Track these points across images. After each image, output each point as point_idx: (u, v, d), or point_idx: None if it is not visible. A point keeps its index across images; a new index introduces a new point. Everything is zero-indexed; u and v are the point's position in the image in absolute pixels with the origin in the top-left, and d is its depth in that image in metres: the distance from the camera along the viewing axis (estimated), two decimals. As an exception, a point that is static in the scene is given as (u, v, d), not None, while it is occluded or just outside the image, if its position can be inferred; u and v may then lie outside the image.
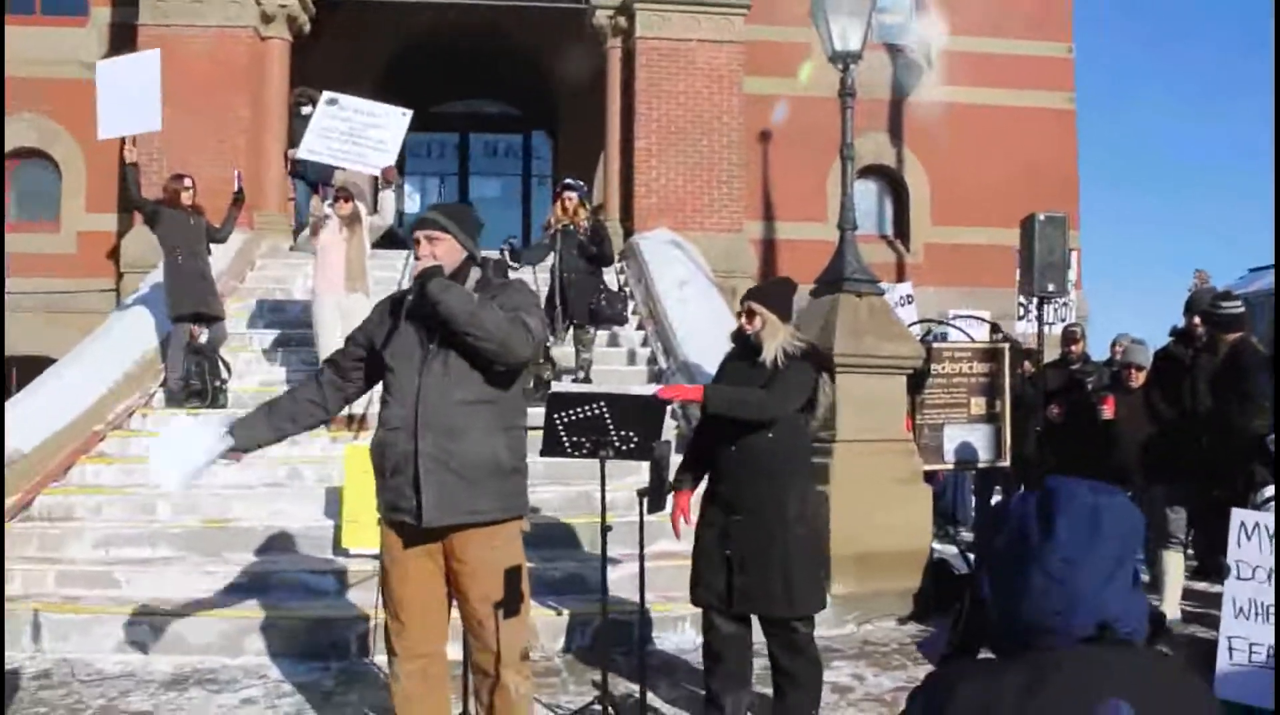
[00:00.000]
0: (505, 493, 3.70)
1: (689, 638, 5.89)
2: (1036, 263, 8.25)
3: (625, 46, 13.37)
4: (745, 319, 4.60)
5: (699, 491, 4.81)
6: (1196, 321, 6.81)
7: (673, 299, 10.19)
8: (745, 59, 13.37)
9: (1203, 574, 7.90)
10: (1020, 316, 11.15)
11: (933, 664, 1.95)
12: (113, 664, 5.63)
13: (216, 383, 8.71)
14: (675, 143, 13.04)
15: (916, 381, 7.67)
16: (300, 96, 12.01)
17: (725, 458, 4.53)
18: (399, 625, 3.78)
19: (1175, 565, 6.70)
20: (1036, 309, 8.79)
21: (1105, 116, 61.33)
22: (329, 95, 8.42)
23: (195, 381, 8.60)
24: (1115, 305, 62.47)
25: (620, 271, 11.78)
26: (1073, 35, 15.76)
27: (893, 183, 15.20)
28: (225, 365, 8.93)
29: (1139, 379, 7.71)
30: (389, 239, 9.22)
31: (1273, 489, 5.67)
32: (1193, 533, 7.86)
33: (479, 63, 16.90)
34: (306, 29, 13.30)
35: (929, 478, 7.54)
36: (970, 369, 8.13)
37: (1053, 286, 8.35)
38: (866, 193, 14.60)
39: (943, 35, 14.68)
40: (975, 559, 1.85)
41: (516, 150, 19.92)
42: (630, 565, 5.13)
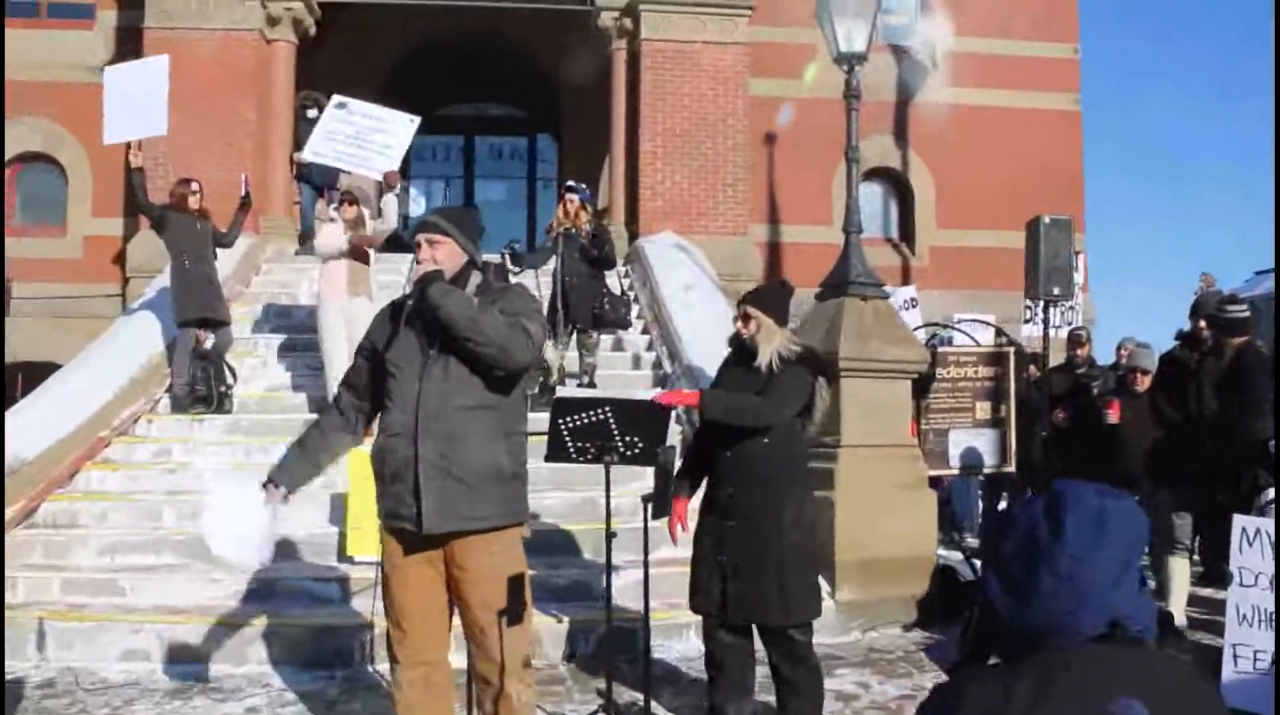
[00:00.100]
0: (506, 499, 3.69)
1: (693, 645, 5.86)
2: (1042, 266, 8.25)
3: (630, 48, 13.37)
4: (741, 323, 4.60)
5: (699, 497, 4.80)
6: (1202, 325, 6.79)
7: (678, 303, 10.18)
8: (750, 61, 13.36)
9: (1208, 580, 7.87)
10: (1026, 319, 11.12)
11: (943, 670, 1.95)
12: (117, 672, 5.63)
13: (222, 388, 8.72)
14: (680, 145, 13.03)
15: (921, 386, 7.65)
16: (306, 100, 12.05)
17: (722, 463, 4.52)
18: (400, 633, 3.77)
19: (1181, 571, 6.67)
20: (1042, 312, 8.78)
21: (1112, 117, 61.13)
22: (338, 99, 8.40)
23: (201, 387, 8.61)
24: (1121, 308, 62.33)
25: (625, 275, 11.77)
26: (1079, 36, 15.73)
27: (898, 185, 15.16)
28: (231, 370, 8.94)
29: (1144, 383, 7.68)
30: (393, 243, 9.21)
31: (1273, 493, 5.65)
32: (1198, 538, 7.83)
33: (484, 65, 16.90)
34: (312, 32, 13.32)
35: (934, 483, 7.52)
36: (975, 373, 8.12)
37: (1058, 289, 8.35)
38: (871, 195, 14.57)
39: (948, 36, 14.64)
40: (981, 564, 1.85)
41: (521, 153, 19.91)
42: (635, 572, 5.13)
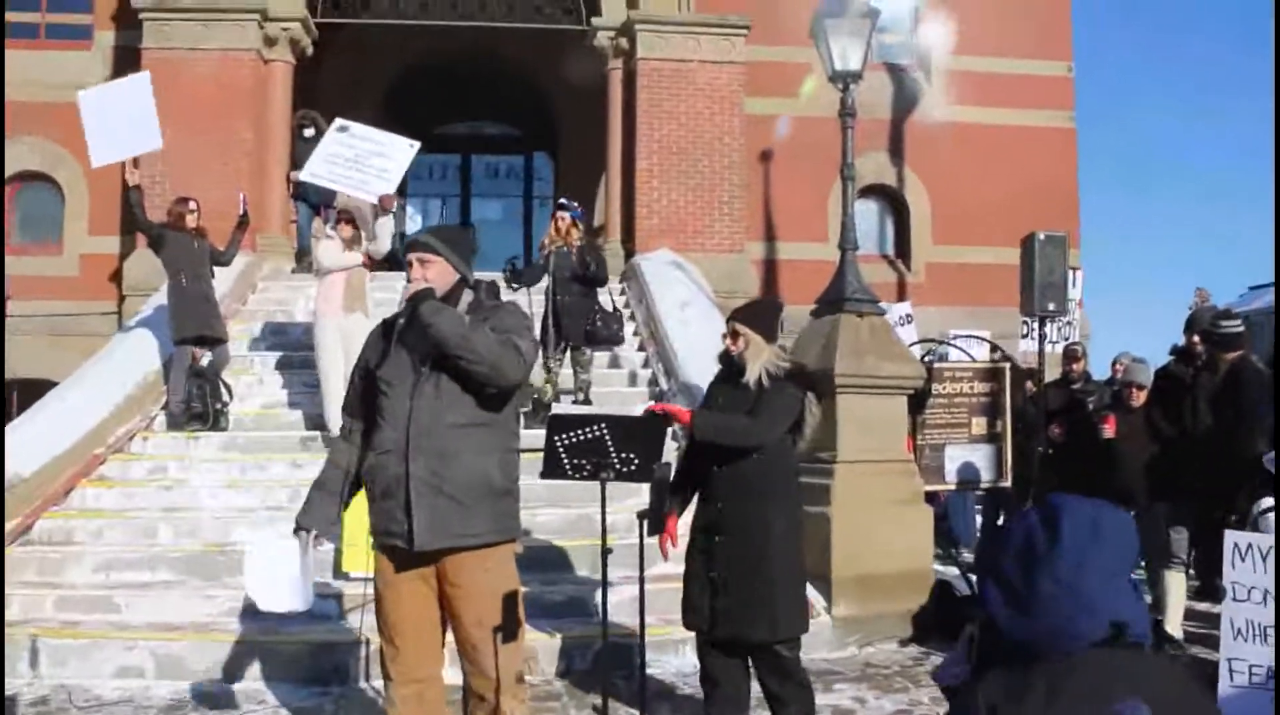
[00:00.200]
0: (498, 515, 3.69)
1: (689, 661, 5.84)
2: (1037, 282, 8.28)
3: (626, 67, 13.42)
4: (730, 339, 4.59)
5: (691, 514, 4.78)
6: (1196, 340, 6.81)
7: (674, 320, 10.18)
8: (746, 79, 13.41)
9: (1204, 594, 7.87)
10: (1024, 335, 11.14)
11: (942, 689, 1.97)
12: (111, 690, 5.60)
13: (218, 406, 8.71)
14: (676, 163, 13.07)
15: (918, 401, 7.67)
16: (303, 119, 12.07)
17: (712, 479, 4.51)
18: (394, 650, 3.76)
19: (1177, 585, 6.67)
20: (1038, 328, 8.80)
21: (1106, 134, 61.35)
22: (340, 122, 8.38)
23: (196, 404, 8.60)
24: (1117, 323, 62.33)
25: (621, 292, 11.79)
26: (1073, 54, 15.80)
27: (894, 202, 15.20)
28: (227, 388, 8.94)
29: (1140, 398, 7.69)
30: (390, 261, 9.22)
31: (1270, 501, 5.65)
32: (1194, 553, 7.83)
33: (480, 84, 16.96)
34: (309, 52, 13.37)
35: (930, 499, 7.52)
36: (971, 389, 8.13)
37: (1053, 305, 8.38)
38: (867, 212, 14.60)
39: (943, 55, 14.72)
40: (978, 580, 1.87)
41: (518, 171, 19.97)
42: (630, 588, 5.11)
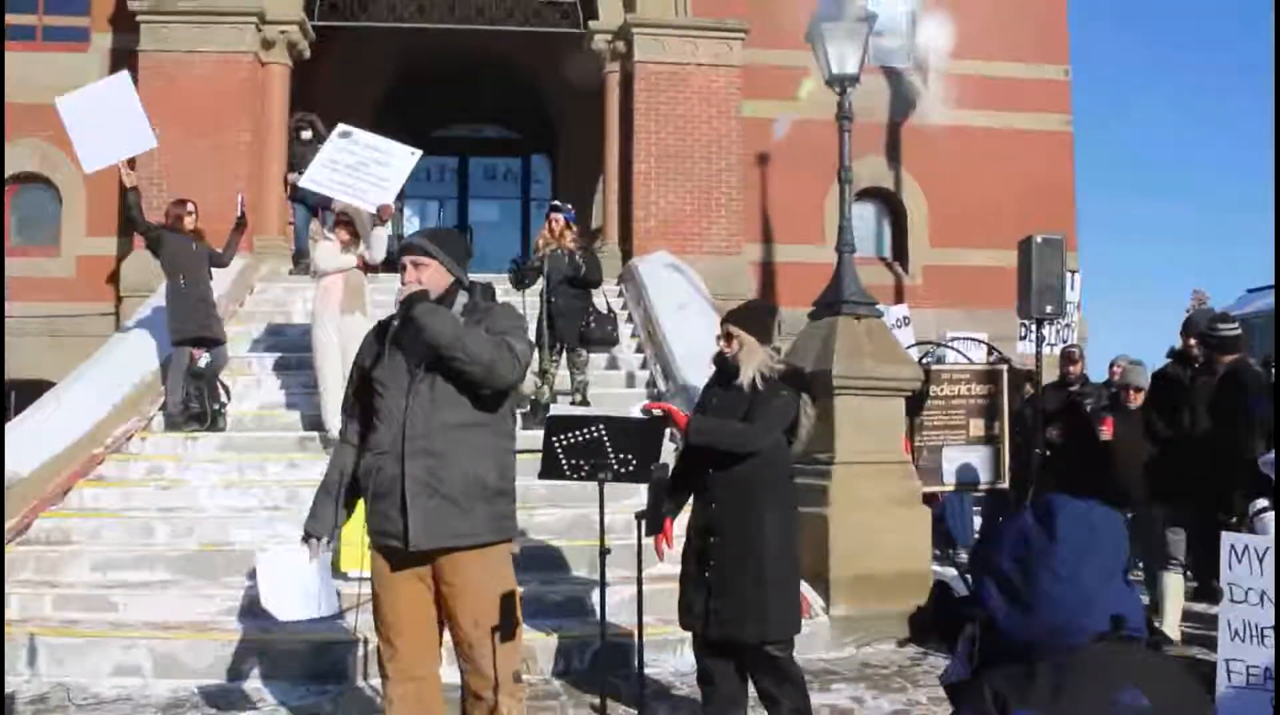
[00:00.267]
0: (493, 515, 3.69)
1: (687, 660, 5.83)
2: (1034, 284, 8.30)
3: (624, 70, 13.44)
4: (724, 342, 4.58)
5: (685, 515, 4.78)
6: (1193, 342, 6.82)
7: (671, 322, 10.19)
8: (743, 83, 13.44)
9: (1203, 595, 7.88)
10: (1022, 337, 11.16)
11: (945, 689, 1.99)
12: (110, 688, 5.60)
13: (215, 406, 8.73)
14: (674, 166, 13.09)
15: (915, 403, 7.68)
16: (300, 122, 12.07)
17: (708, 480, 4.50)
18: (391, 649, 3.76)
19: (1175, 587, 6.68)
20: (1036, 330, 8.82)
21: (1104, 137, 61.54)
22: (342, 128, 8.34)
23: (194, 405, 8.61)
24: (1115, 325, 62.46)
25: (619, 294, 11.81)
26: (1070, 58, 15.84)
27: (891, 205, 15.23)
28: (225, 388, 8.95)
29: (1138, 400, 7.70)
30: (387, 265, 9.23)
31: (1265, 501, 5.67)
32: (1192, 554, 7.85)
33: (478, 87, 16.98)
34: (306, 55, 13.38)
35: (928, 500, 7.53)
36: (969, 391, 8.15)
37: (1050, 308, 8.40)
38: (864, 215, 14.63)
39: (940, 58, 14.75)
40: (976, 580, 1.89)
41: (516, 174, 20.00)
42: (629, 588, 5.13)
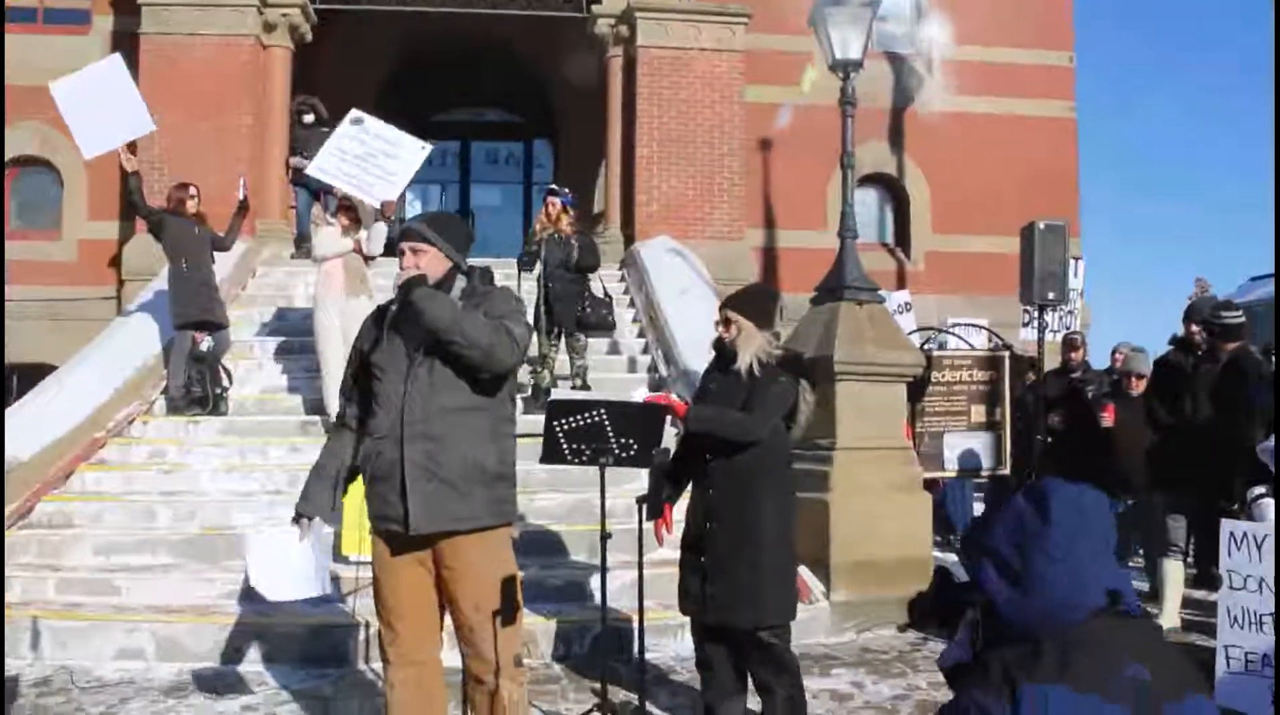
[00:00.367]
0: (493, 499, 3.68)
1: (687, 646, 5.82)
2: (1036, 271, 8.26)
3: (626, 55, 13.41)
4: (722, 327, 4.55)
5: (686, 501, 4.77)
6: (1195, 329, 6.82)
7: (673, 307, 10.19)
8: (746, 68, 13.41)
9: (1202, 582, 7.89)
10: (1025, 324, 11.15)
11: (944, 669, 2.00)
12: (112, 671, 5.63)
13: (217, 390, 8.74)
14: (676, 151, 13.07)
15: (917, 389, 7.68)
16: (302, 105, 12.04)
17: (705, 467, 4.48)
18: (392, 633, 3.77)
19: (1175, 573, 6.69)
20: (1038, 316, 8.80)
21: (1109, 124, 61.38)
22: (355, 114, 8.26)
23: (196, 389, 8.62)
24: (1117, 312, 62.35)
25: (621, 279, 11.81)
26: (1074, 44, 15.79)
27: (893, 191, 15.21)
28: (226, 372, 8.95)
29: (1139, 387, 7.70)
30: (389, 250, 9.22)
31: (1263, 488, 5.68)
32: (1193, 541, 7.86)
33: (481, 71, 16.93)
34: (308, 38, 13.34)
35: (929, 486, 7.54)
36: (970, 377, 8.15)
37: (1053, 294, 8.36)
38: (867, 201, 14.61)
39: (944, 44, 14.70)
40: (972, 565, 1.90)
41: (518, 158, 19.96)
42: (629, 573, 5.13)
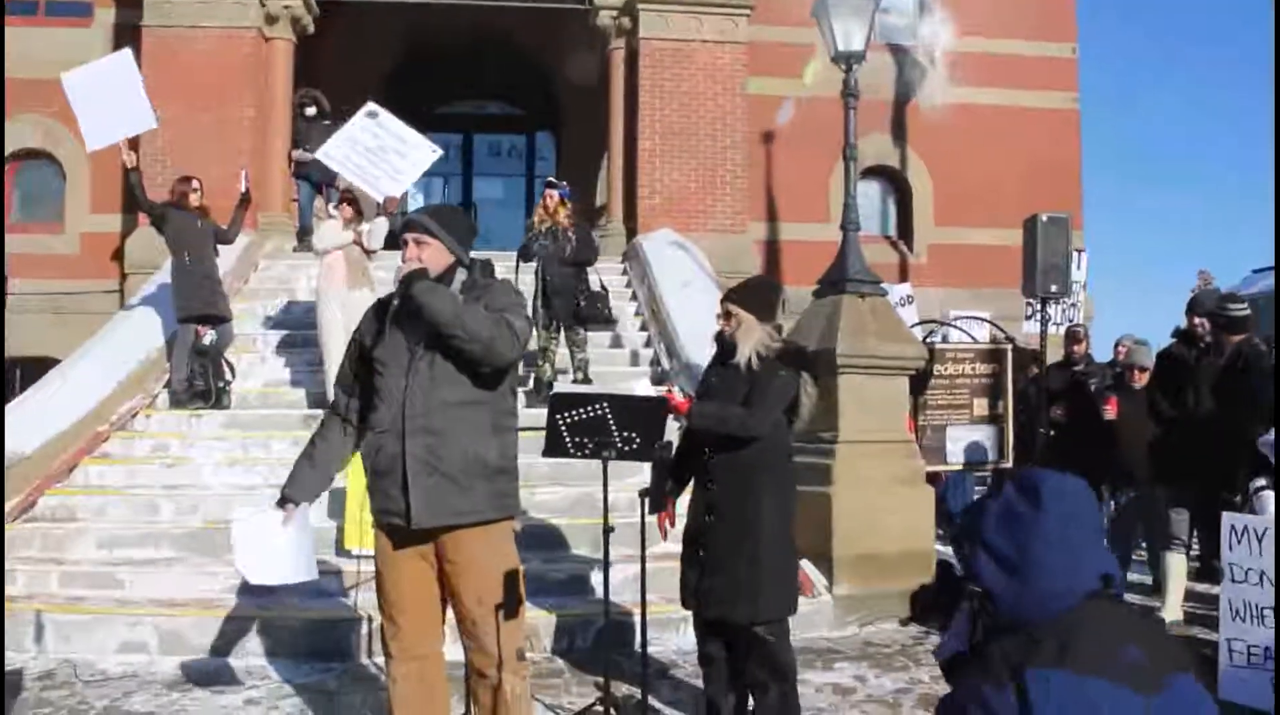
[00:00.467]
0: (494, 493, 3.68)
1: (689, 640, 5.82)
2: (1039, 263, 8.27)
3: (628, 47, 13.39)
4: (724, 320, 4.53)
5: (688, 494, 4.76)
6: (1198, 322, 6.80)
7: (675, 300, 10.19)
8: (749, 60, 13.38)
9: (1205, 576, 7.89)
10: (1028, 316, 11.14)
11: (942, 662, 2.00)
12: (115, 664, 5.64)
13: (220, 384, 8.74)
14: (678, 143, 13.06)
15: (919, 382, 7.67)
16: (304, 98, 12.03)
17: (706, 461, 4.46)
18: (394, 627, 3.77)
19: (1177, 567, 6.68)
20: (1041, 309, 8.79)
21: (1113, 117, 61.21)
22: (371, 107, 8.23)
23: (199, 382, 8.63)
24: (1120, 304, 62.24)
25: (623, 272, 11.81)
26: (1077, 35, 15.75)
27: (896, 183, 15.18)
28: (229, 366, 8.96)
29: (1142, 380, 7.68)
30: (391, 241, 9.20)
31: (1262, 480, 5.67)
32: (1195, 534, 7.85)
33: (483, 63, 16.91)
34: (310, 30, 13.32)
35: (931, 479, 7.54)
36: (973, 370, 8.14)
37: (1055, 287, 8.37)
38: (870, 193, 14.60)
39: (946, 36, 14.67)
40: (965, 555, 1.91)
41: (520, 151, 19.92)
42: (632, 566, 5.14)
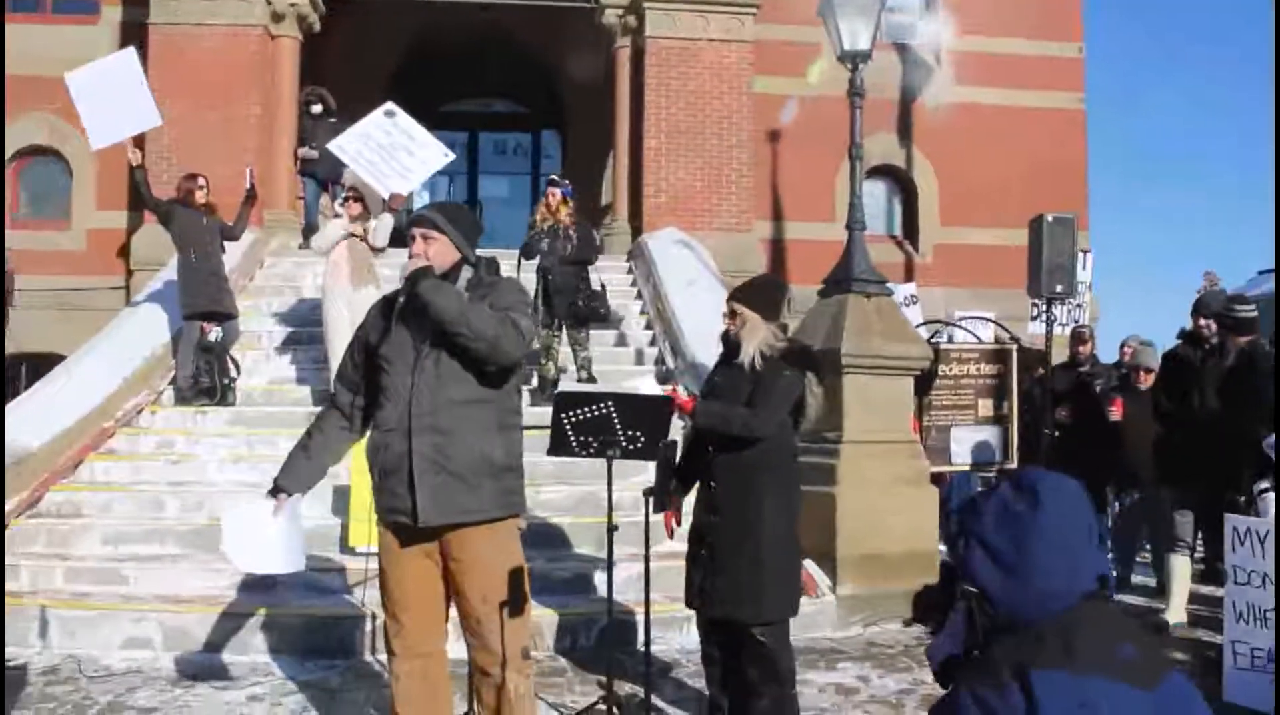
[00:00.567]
0: (500, 491, 3.69)
1: (693, 639, 5.82)
2: (1044, 264, 8.27)
3: (634, 45, 13.38)
4: (729, 319, 4.52)
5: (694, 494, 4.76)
6: (1203, 323, 6.79)
7: (680, 299, 10.18)
8: (755, 59, 13.37)
9: (1209, 577, 7.88)
10: (1033, 317, 11.12)
11: (935, 669, 2.00)
12: (120, 660, 5.65)
13: (225, 381, 8.75)
14: (684, 142, 13.05)
15: (924, 382, 7.66)
16: (310, 96, 12.03)
17: (711, 459, 4.46)
18: (397, 625, 3.77)
19: (1182, 569, 6.67)
20: (1046, 310, 8.78)
21: (1119, 118, 61.12)
22: (388, 106, 8.25)
23: (204, 379, 8.64)
24: (1125, 305, 62.16)
25: (628, 270, 11.81)
26: (1083, 35, 15.73)
27: (902, 183, 15.17)
28: (235, 363, 8.97)
29: (1148, 381, 7.68)
30: (396, 239, 9.22)
31: (1266, 482, 5.66)
32: (1200, 535, 7.84)
33: (489, 62, 16.91)
34: (317, 28, 13.34)
35: (935, 480, 7.53)
36: (978, 370, 8.13)
37: (1060, 287, 8.36)
38: (875, 193, 14.58)
39: (952, 35, 14.65)
40: (962, 555, 1.90)
41: (526, 149, 19.92)
42: (636, 565, 5.14)
